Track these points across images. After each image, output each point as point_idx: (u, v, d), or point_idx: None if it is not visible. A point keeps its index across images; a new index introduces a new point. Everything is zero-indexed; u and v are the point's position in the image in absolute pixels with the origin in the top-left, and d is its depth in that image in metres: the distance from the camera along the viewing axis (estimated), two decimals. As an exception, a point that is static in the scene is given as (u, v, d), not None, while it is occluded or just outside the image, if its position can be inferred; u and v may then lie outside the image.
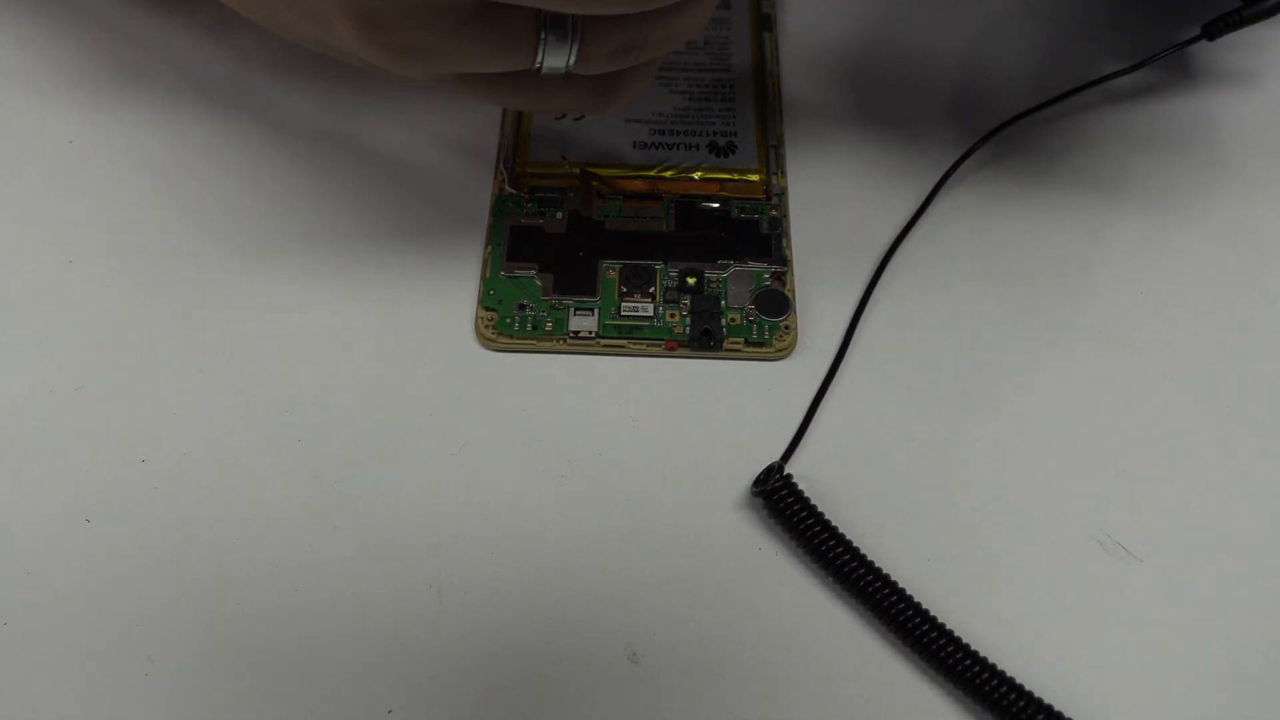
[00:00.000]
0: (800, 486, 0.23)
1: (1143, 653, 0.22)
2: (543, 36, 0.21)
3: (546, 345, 0.26)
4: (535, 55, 0.21)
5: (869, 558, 0.22)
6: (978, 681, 0.21)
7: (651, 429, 0.25)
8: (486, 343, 0.26)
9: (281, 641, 0.22)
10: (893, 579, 0.22)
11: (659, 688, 0.22)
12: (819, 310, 0.27)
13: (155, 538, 0.23)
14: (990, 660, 0.21)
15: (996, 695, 0.21)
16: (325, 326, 0.26)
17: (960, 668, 0.21)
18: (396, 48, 0.21)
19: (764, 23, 0.32)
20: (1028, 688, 0.21)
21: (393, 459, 0.24)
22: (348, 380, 0.25)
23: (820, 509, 0.23)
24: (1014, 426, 0.25)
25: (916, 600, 0.22)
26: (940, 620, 0.22)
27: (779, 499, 0.23)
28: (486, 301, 0.26)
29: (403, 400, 0.25)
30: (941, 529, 0.24)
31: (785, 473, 0.23)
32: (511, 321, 0.26)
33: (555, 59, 0.22)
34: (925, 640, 0.22)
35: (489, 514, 0.24)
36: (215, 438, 0.24)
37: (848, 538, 0.23)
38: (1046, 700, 0.21)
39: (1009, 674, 0.21)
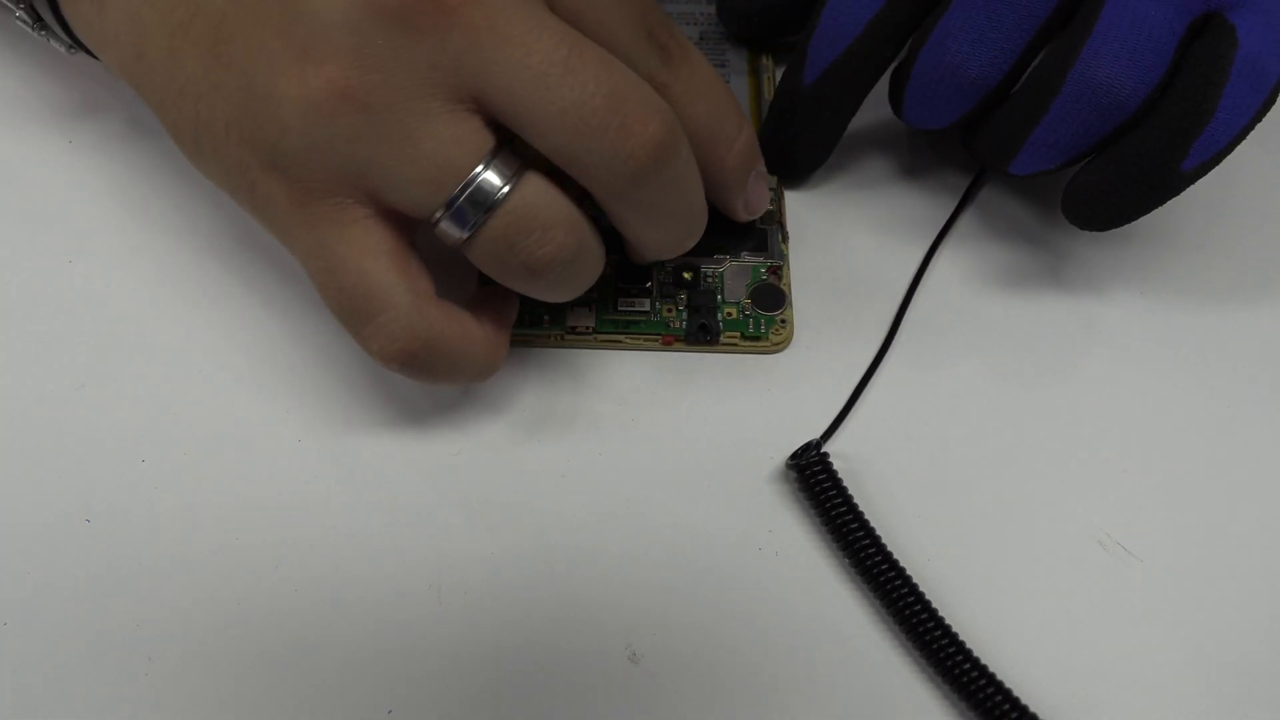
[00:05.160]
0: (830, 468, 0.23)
1: (1142, 652, 0.22)
2: None
3: (543, 340, 0.26)
4: None
5: (884, 543, 0.23)
6: (974, 687, 0.21)
7: (650, 425, 0.25)
8: None
9: (281, 641, 0.22)
10: (903, 566, 0.22)
11: (659, 688, 0.22)
12: (815, 305, 0.27)
13: (155, 538, 0.23)
14: (988, 666, 0.21)
15: (991, 704, 0.21)
16: (322, 326, 0.26)
17: (956, 666, 0.21)
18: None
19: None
20: (1023, 700, 0.21)
21: (392, 459, 0.24)
22: (346, 381, 0.25)
23: (850, 490, 0.23)
24: (1014, 427, 0.25)
25: (922, 590, 0.22)
26: (944, 617, 0.22)
27: (811, 474, 0.23)
28: None
29: (401, 400, 0.25)
30: (942, 529, 0.24)
31: (822, 450, 0.24)
32: None
33: None
34: (926, 635, 0.22)
35: (489, 514, 0.24)
36: (215, 438, 0.24)
37: (869, 522, 0.23)
38: (1037, 712, 0.21)
39: (1006, 683, 0.21)
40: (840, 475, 0.23)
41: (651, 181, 0.20)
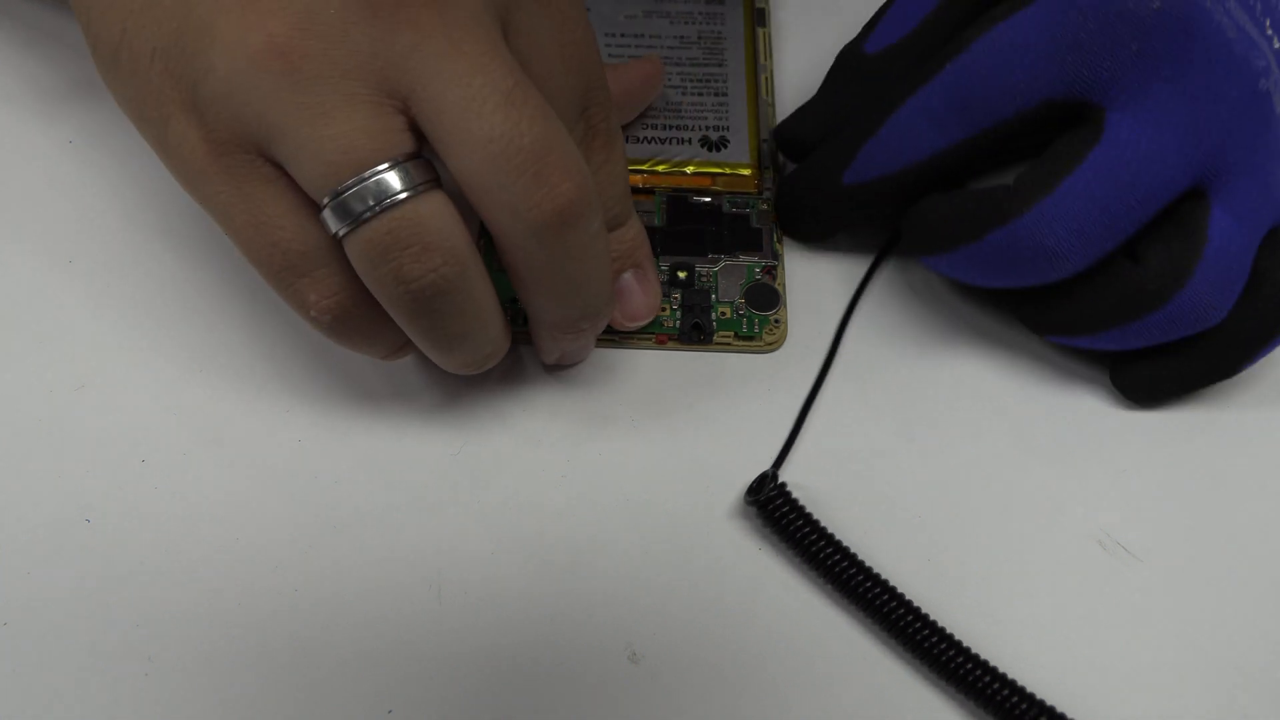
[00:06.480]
0: (795, 494, 0.23)
1: (1142, 652, 0.22)
2: None
3: None
4: None
5: (866, 563, 0.22)
6: (980, 685, 0.21)
7: (649, 424, 0.25)
8: None
9: (281, 641, 0.22)
10: (891, 584, 0.22)
11: (659, 688, 0.22)
12: (809, 304, 0.27)
13: (155, 538, 0.23)
14: (989, 661, 0.21)
15: (999, 698, 0.21)
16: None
17: (957, 668, 0.21)
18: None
19: (758, 17, 0.32)
20: (1029, 689, 0.21)
21: (392, 459, 0.24)
22: (346, 380, 0.25)
23: (816, 516, 0.23)
24: (1014, 427, 0.25)
25: (916, 605, 0.22)
26: (938, 622, 0.22)
27: (774, 509, 0.23)
28: None
29: (402, 400, 0.25)
30: (942, 530, 0.24)
31: (779, 481, 0.23)
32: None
33: None
34: (926, 646, 0.22)
35: (489, 514, 0.24)
36: (215, 438, 0.24)
37: (844, 544, 0.23)
38: (1047, 701, 0.21)
39: (1009, 675, 0.21)
40: (802, 502, 0.23)
41: (550, 240, 0.20)
